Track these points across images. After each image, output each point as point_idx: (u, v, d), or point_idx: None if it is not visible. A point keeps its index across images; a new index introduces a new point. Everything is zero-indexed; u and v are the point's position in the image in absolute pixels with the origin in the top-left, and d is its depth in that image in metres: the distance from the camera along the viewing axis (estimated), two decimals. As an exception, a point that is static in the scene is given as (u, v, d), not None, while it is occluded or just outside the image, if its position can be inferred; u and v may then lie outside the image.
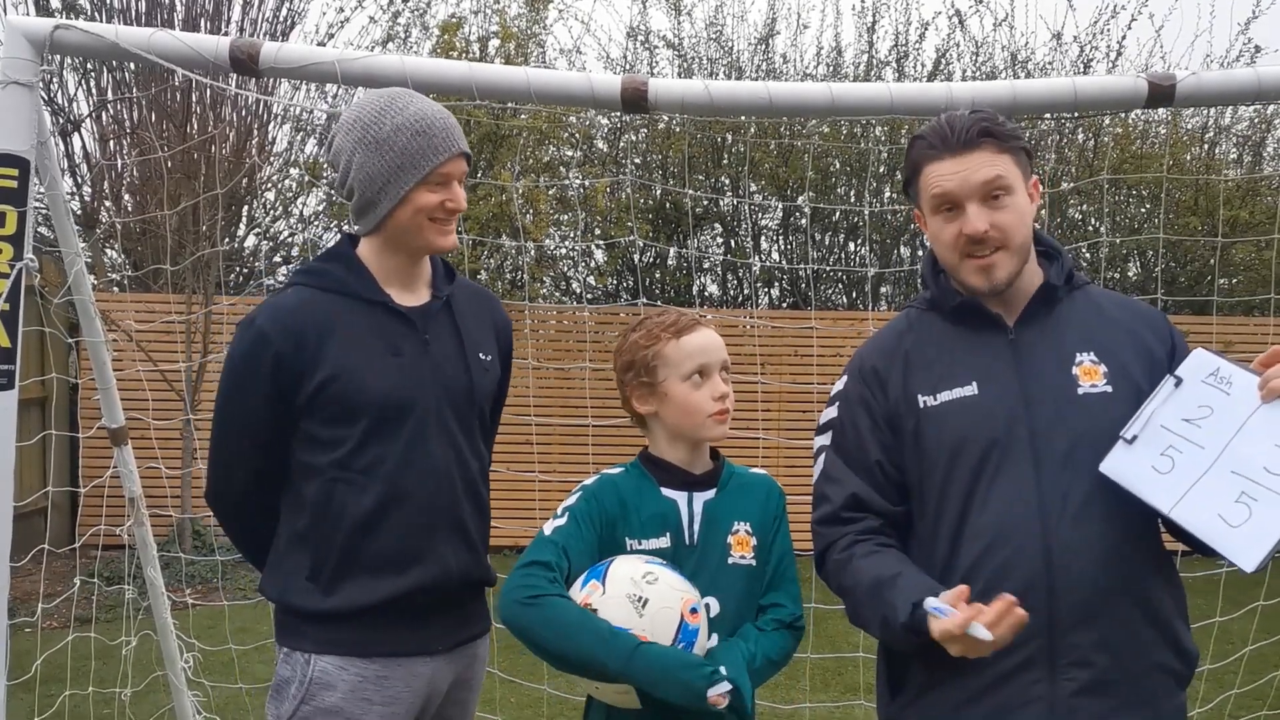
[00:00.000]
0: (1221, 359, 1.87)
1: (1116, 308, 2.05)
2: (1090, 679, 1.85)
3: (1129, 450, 1.85)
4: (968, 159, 1.92)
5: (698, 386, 2.10)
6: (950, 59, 10.70)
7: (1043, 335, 1.98)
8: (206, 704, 4.20)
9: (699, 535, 2.11)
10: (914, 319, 2.09)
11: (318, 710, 2.15)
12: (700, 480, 2.15)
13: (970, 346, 1.99)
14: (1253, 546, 1.70)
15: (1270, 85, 2.91)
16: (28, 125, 2.79)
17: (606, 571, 2.01)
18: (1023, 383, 1.94)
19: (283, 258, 10.45)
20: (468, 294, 2.39)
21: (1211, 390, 1.85)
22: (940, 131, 1.95)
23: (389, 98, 2.21)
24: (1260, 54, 10.22)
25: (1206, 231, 9.37)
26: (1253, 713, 4.73)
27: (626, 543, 2.08)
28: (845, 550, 1.96)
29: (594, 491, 2.12)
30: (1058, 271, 2.02)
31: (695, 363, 2.10)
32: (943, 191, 1.93)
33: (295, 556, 2.20)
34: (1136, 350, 1.97)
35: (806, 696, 5.05)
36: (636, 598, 1.97)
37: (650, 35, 10.84)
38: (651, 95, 2.91)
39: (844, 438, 2.04)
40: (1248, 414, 1.80)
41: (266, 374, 2.14)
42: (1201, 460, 1.80)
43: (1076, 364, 1.95)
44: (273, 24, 10.23)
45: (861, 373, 2.06)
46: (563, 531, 2.06)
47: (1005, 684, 1.86)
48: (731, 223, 10.69)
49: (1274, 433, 1.77)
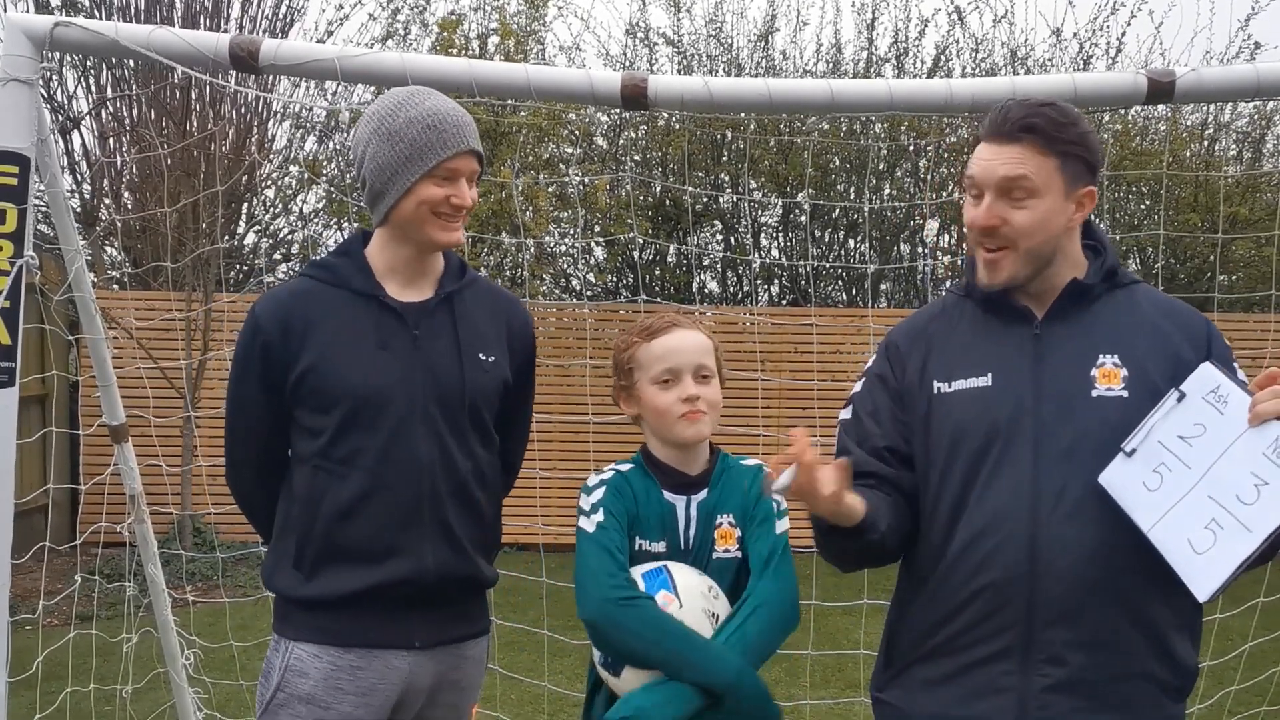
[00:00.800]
0: (1224, 376, 1.83)
1: (1156, 310, 1.99)
2: (1064, 677, 1.84)
3: (1128, 463, 1.83)
4: (1003, 150, 1.89)
5: (667, 389, 2.11)
6: (950, 55, 10.71)
7: (1069, 332, 1.95)
8: (207, 701, 4.20)
9: (693, 539, 2.14)
10: (948, 304, 2.09)
11: (292, 697, 2.19)
12: (695, 481, 2.16)
13: (995, 337, 1.98)
14: (1209, 577, 1.69)
15: (1270, 82, 2.91)
16: (28, 122, 2.79)
17: (674, 583, 2.05)
18: (1037, 378, 1.92)
19: (282, 255, 10.45)
20: (482, 294, 2.38)
21: (1209, 408, 1.81)
22: (994, 116, 1.93)
23: (408, 93, 2.25)
24: (1260, 50, 10.24)
25: (1206, 228, 9.37)
26: (1252, 709, 4.73)
27: (637, 542, 2.10)
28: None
29: (616, 486, 2.15)
30: (1096, 269, 1.98)
31: (663, 365, 2.12)
32: (970, 175, 1.93)
33: (284, 542, 2.26)
34: (1165, 357, 1.91)
35: (807, 693, 5.05)
36: (711, 613, 2.04)
37: (650, 32, 10.85)
38: (651, 92, 2.91)
39: (862, 408, 2.05)
40: (1234, 437, 1.77)
41: (258, 360, 2.21)
42: (1185, 481, 1.78)
43: (1098, 365, 1.91)
44: (272, 21, 10.24)
45: (887, 350, 2.08)
46: (606, 527, 2.09)
47: (978, 670, 1.88)
48: (731, 220, 10.69)
49: (1254, 459, 1.73)
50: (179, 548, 7.32)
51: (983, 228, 1.91)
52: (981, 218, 1.90)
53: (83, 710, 4.56)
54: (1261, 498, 1.70)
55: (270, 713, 2.21)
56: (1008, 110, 1.92)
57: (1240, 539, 1.69)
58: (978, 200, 1.93)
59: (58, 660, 4.47)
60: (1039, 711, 1.84)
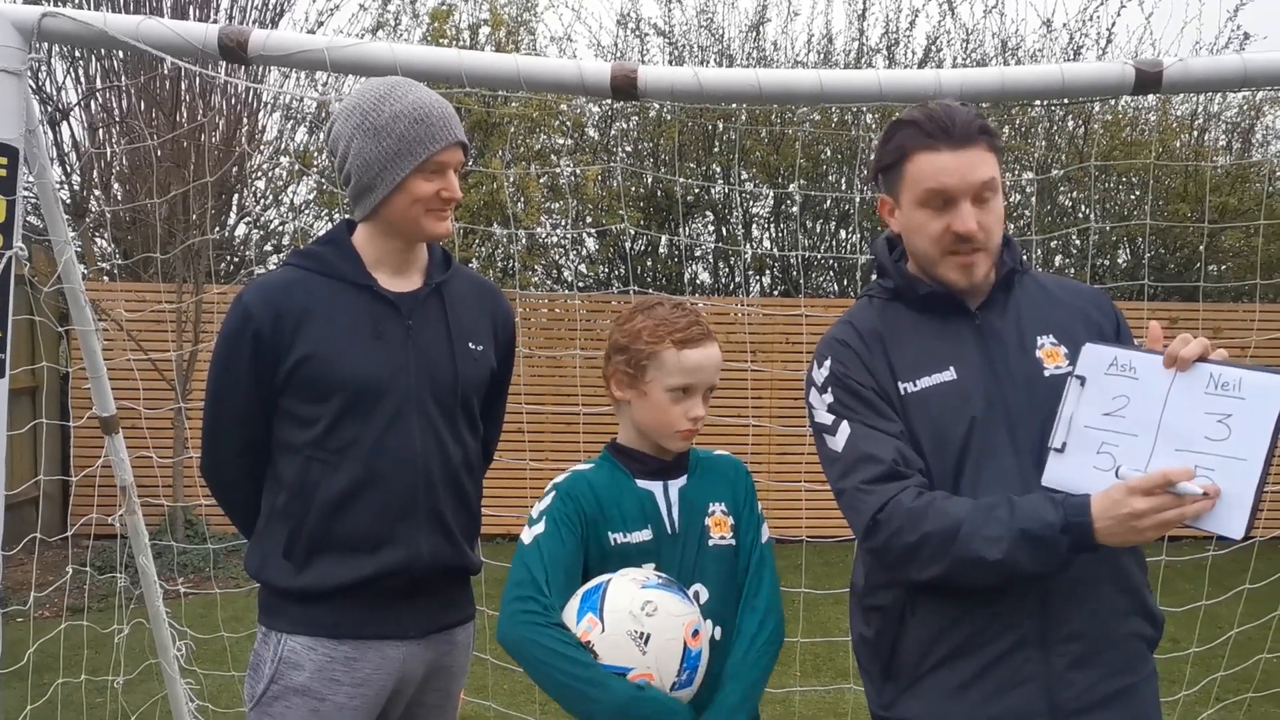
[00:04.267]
0: (1115, 348, 1.87)
1: (1063, 291, 2.07)
2: (1080, 651, 1.87)
3: (1062, 459, 1.85)
4: (966, 155, 1.89)
5: (677, 401, 2.08)
6: (941, 46, 10.72)
7: (1004, 320, 1.99)
8: (199, 692, 4.20)
9: (680, 522, 2.11)
10: (879, 308, 2.06)
11: (286, 689, 2.19)
12: (673, 466, 2.15)
13: (940, 333, 1.98)
14: (1233, 514, 1.69)
15: (1256, 72, 2.92)
16: (16, 113, 2.78)
17: (603, 603, 1.95)
18: (994, 367, 1.95)
19: (273, 246, 10.44)
20: (467, 284, 2.39)
21: (1119, 379, 1.83)
22: (939, 121, 1.90)
23: (389, 85, 2.23)
24: (1249, 41, 10.25)
25: (1195, 218, 9.40)
26: (1238, 695, 4.77)
27: (610, 537, 2.06)
28: (919, 499, 1.84)
29: (568, 490, 2.09)
30: (1012, 256, 2.02)
31: (685, 380, 2.08)
32: (940, 187, 1.90)
33: (273, 533, 2.24)
34: (1089, 330, 1.98)
35: (798, 681, 5.08)
36: (638, 634, 1.92)
37: (641, 22, 10.83)
38: (641, 83, 2.91)
39: (859, 412, 1.94)
40: (1165, 391, 1.79)
41: (248, 349, 2.19)
42: (1140, 447, 1.78)
43: (1039, 347, 1.96)
44: (262, 11, 10.20)
45: (846, 356, 1.99)
46: (544, 540, 2.02)
47: (1000, 664, 1.88)
48: (723, 210, 10.69)
49: (1199, 401, 1.75)
50: (170, 539, 7.32)
51: (967, 234, 1.90)
52: (967, 226, 1.90)
53: (74, 701, 4.57)
54: (1233, 429, 1.71)
55: (264, 705, 2.21)
56: (950, 115, 1.91)
57: (1239, 470, 1.70)
58: (941, 210, 1.92)
59: (49, 652, 4.47)
60: (1065, 690, 1.87)
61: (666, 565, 2.07)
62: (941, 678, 1.93)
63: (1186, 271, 10.00)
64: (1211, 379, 1.75)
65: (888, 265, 2.07)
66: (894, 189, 2.00)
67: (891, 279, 2.05)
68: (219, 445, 2.30)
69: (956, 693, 1.91)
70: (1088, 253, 9.91)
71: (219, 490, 2.37)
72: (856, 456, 1.91)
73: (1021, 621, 1.86)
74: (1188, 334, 1.80)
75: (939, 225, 1.92)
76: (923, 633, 1.93)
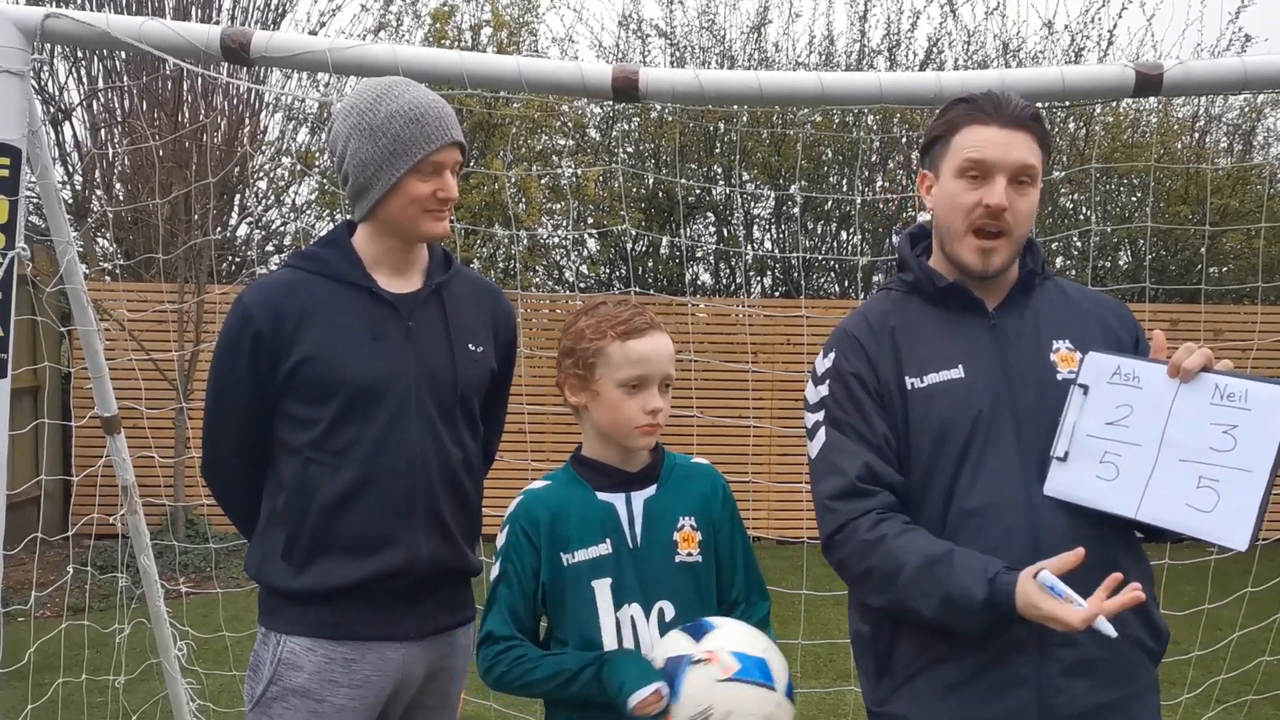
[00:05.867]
0: (1119, 357, 1.87)
1: (1084, 297, 2.08)
2: (1076, 658, 1.87)
3: (1065, 467, 1.85)
4: (1015, 135, 1.92)
5: (631, 395, 2.00)
6: (942, 47, 10.72)
7: (1021, 322, 1.99)
8: (200, 692, 4.20)
9: (641, 536, 2.04)
10: (896, 301, 2.07)
11: (285, 690, 2.19)
12: (638, 477, 2.07)
13: (954, 330, 1.99)
14: (1237, 526, 1.70)
15: (1257, 75, 2.93)
16: (19, 114, 2.79)
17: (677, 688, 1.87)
18: (1005, 368, 1.95)
19: (275, 247, 10.45)
20: (467, 284, 2.38)
21: (1122, 389, 1.84)
22: (994, 99, 1.94)
23: (386, 85, 2.23)
24: (1250, 43, 10.26)
25: (1196, 220, 9.41)
26: (1240, 697, 4.77)
27: (563, 558, 2.02)
28: (872, 530, 1.87)
29: (516, 516, 2.06)
30: (1034, 259, 2.04)
31: (635, 371, 2.00)
32: (981, 157, 1.92)
33: (272, 534, 2.24)
34: (1106, 338, 1.99)
35: (798, 683, 5.06)
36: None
37: (643, 24, 10.83)
38: (643, 84, 2.92)
39: (845, 412, 1.97)
40: (1169, 401, 1.79)
41: (247, 350, 2.18)
42: (1144, 457, 1.79)
43: (1054, 351, 1.96)
44: (264, 12, 10.21)
45: (851, 349, 2.01)
46: (500, 590, 2.05)
47: (995, 665, 1.88)
48: (724, 211, 10.69)
49: (1204, 412, 1.76)
50: (172, 539, 7.32)
51: (997, 208, 1.90)
52: (999, 200, 1.90)
53: (75, 701, 4.57)
54: (1239, 440, 1.72)
55: (263, 707, 2.21)
56: (1006, 98, 1.93)
57: (1245, 481, 1.70)
58: (976, 183, 1.92)
59: (50, 651, 4.48)
60: (1057, 696, 1.87)
61: (626, 580, 2.02)
62: (934, 677, 1.93)
63: (1187, 273, 10.00)
64: (1217, 389, 1.75)
65: (908, 258, 2.07)
66: (936, 162, 2.01)
67: (912, 272, 2.06)
68: (219, 446, 2.30)
69: (948, 692, 1.92)
70: (1089, 254, 9.91)
71: (219, 491, 2.37)
72: (825, 467, 1.97)
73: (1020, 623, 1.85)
74: (1191, 344, 1.81)
75: (972, 198, 1.93)
76: (918, 631, 1.94)
